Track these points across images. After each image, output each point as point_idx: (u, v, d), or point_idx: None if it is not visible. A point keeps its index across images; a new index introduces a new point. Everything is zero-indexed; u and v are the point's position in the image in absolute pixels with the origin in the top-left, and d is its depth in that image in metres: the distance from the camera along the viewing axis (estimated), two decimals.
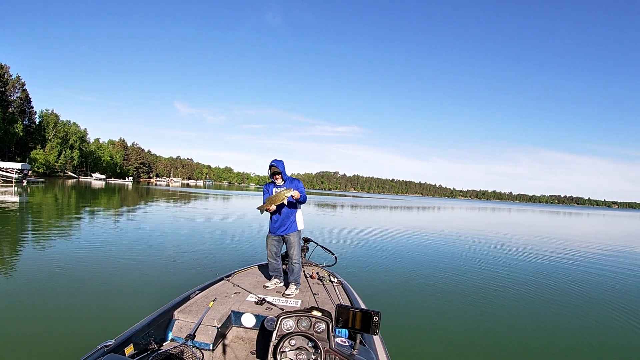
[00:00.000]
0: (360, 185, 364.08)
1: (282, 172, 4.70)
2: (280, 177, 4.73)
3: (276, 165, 4.66)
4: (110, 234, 13.35)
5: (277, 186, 4.77)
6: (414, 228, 22.43)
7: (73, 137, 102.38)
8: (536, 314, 6.89)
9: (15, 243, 10.58)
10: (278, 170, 4.67)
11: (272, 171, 4.70)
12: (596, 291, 9.03)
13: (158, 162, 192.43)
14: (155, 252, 10.33)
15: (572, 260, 13.49)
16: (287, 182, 4.76)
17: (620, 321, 6.81)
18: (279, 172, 4.68)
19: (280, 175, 4.71)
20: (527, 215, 59.09)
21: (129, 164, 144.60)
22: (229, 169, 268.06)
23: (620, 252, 17.36)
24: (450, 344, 5.26)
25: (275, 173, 4.70)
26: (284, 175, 4.75)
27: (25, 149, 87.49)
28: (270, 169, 4.70)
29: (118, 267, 8.44)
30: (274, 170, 4.68)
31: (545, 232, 26.46)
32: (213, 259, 9.80)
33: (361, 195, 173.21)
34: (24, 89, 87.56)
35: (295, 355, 2.67)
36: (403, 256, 12.00)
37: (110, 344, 2.64)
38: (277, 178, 4.74)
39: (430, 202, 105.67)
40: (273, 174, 4.72)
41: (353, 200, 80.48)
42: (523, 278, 9.81)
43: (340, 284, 4.98)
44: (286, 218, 4.79)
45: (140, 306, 5.75)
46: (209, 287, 4.40)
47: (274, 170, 4.67)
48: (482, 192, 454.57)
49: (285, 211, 4.77)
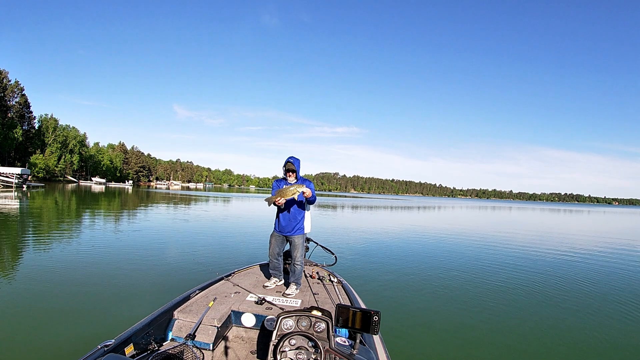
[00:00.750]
0: (360, 186, 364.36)
1: (297, 171, 4.65)
2: (294, 175, 4.67)
3: (293, 162, 4.59)
4: (111, 235, 13.36)
5: (289, 184, 4.67)
6: (414, 228, 22.42)
7: (72, 142, 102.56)
8: (537, 313, 6.87)
9: (16, 246, 10.57)
10: (293, 167, 4.60)
11: (287, 167, 4.63)
12: (600, 288, 9.01)
13: (158, 166, 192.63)
14: (156, 253, 10.34)
15: (574, 258, 13.49)
16: (299, 181, 4.68)
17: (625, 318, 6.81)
18: (294, 169, 4.62)
19: (294, 173, 4.66)
20: (527, 213, 59.04)
21: (128, 168, 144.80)
22: (229, 172, 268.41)
23: (623, 248, 17.34)
24: (450, 344, 5.25)
25: (290, 170, 4.63)
26: (298, 174, 4.70)
27: (24, 153, 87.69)
28: (286, 165, 4.63)
29: (118, 267, 8.46)
30: (290, 167, 4.61)
31: (546, 230, 26.44)
32: (213, 259, 9.82)
33: (361, 196, 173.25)
34: (22, 94, 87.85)
35: (295, 354, 2.67)
36: (403, 256, 11.99)
37: (110, 343, 2.65)
38: (291, 175, 4.68)
39: (431, 202, 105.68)
40: (288, 171, 4.65)
41: (353, 200, 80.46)
42: (524, 277, 9.79)
43: (340, 283, 4.98)
44: (293, 219, 4.73)
45: (141, 306, 5.78)
46: (209, 286, 4.41)
47: (290, 167, 4.61)
48: (482, 191, 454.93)
49: (293, 211, 4.71)
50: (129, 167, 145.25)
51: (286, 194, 4.38)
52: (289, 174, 4.67)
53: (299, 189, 4.36)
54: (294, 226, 4.73)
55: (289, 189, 4.38)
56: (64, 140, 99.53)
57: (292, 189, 4.37)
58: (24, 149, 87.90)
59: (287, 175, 4.70)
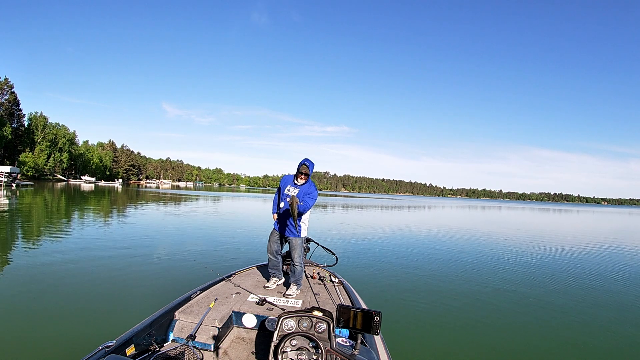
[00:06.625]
0: (351, 185, 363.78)
1: (309, 175, 4.66)
2: (305, 178, 4.67)
3: (308, 165, 4.59)
4: (109, 235, 13.27)
5: (295, 185, 4.72)
6: (414, 228, 22.52)
7: (62, 140, 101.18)
8: (537, 313, 6.94)
9: (12, 246, 10.47)
10: (308, 171, 4.60)
11: (301, 170, 4.62)
12: (595, 286, 9.17)
13: (148, 164, 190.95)
14: (156, 253, 10.30)
15: (571, 257, 13.69)
16: (307, 184, 4.71)
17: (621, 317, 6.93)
18: (307, 173, 4.62)
19: (306, 177, 4.66)
20: (518, 213, 59.48)
21: (118, 166, 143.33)
22: (219, 170, 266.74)
23: (613, 247, 17.56)
24: (451, 344, 5.30)
25: (303, 173, 4.63)
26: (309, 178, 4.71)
27: (14, 152, 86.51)
28: (300, 168, 4.62)
29: (119, 268, 8.42)
30: (304, 171, 4.61)
31: (539, 230, 26.71)
32: (214, 260, 9.81)
33: (353, 195, 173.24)
34: (12, 91, 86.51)
35: (296, 355, 2.69)
36: (404, 256, 12.03)
37: (111, 344, 2.67)
38: (302, 178, 4.67)
39: (423, 202, 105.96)
40: (301, 173, 4.64)
41: (345, 200, 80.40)
42: (524, 276, 9.90)
43: (341, 284, 5.00)
44: (290, 223, 4.73)
45: (141, 307, 5.77)
46: (210, 287, 4.42)
47: (304, 170, 4.60)
48: (472, 190, 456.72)
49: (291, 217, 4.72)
50: (119, 166, 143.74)
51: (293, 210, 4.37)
52: (300, 176, 4.67)
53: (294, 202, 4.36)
54: (292, 228, 4.75)
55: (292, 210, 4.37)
56: (53, 138, 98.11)
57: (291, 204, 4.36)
58: (13, 147, 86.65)
59: (297, 177, 4.70)
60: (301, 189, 4.66)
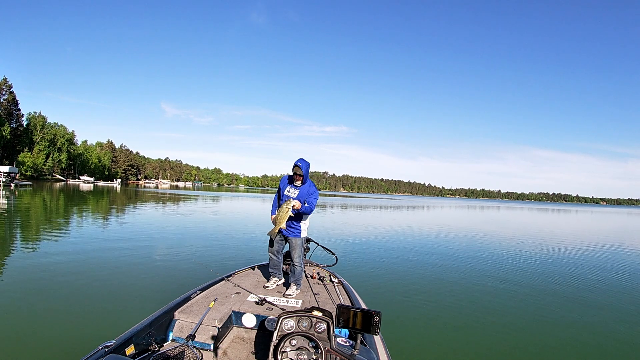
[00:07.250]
0: (350, 185, 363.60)
1: (304, 175, 4.64)
2: (301, 179, 4.66)
3: (300, 166, 4.56)
4: (109, 235, 13.25)
5: (294, 186, 4.71)
6: (414, 228, 22.55)
7: (61, 140, 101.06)
8: (537, 313, 6.94)
9: (12, 246, 10.45)
10: (301, 172, 4.58)
11: (294, 171, 4.62)
12: (594, 286, 9.18)
13: (147, 164, 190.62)
14: (156, 253, 10.31)
15: (570, 257, 13.71)
16: (306, 185, 4.71)
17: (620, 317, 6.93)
18: (301, 174, 4.60)
19: (301, 177, 4.64)
20: (517, 213, 59.46)
21: (117, 166, 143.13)
22: (218, 170, 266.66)
23: (612, 247, 17.58)
24: (451, 344, 5.30)
25: (296, 174, 4.62)
26: (305, 178, 4.69)
27: (12, 152, 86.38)
28: (293, 169, 4.62)
29: (118, 267, 8.43)
30: (297, 172, 4.60)
31: (538, 230, 26.73)
32: (213, 259, 9.82)
33: (352, 195, 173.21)
34: (11, 91, 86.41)
35: (296, 355, 2.70)
36: (403, 256, 12.04)
37: (111, 344, 2.67)
38: (298, 179, 4.67)
39: (422, 202, 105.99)
40: (295, 174, 4.64)
41: (345, 200, 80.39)
42: (523, 276, 9.91)
43: (340, 284, 5.01)
44: (292, 221, 4.73)
45: (141, 306, 5.77)
46: (210, 287, 4.42)
47: (297, 171, 4.59)
48: (470, 190, 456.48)
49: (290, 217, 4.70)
50: (118, 166, 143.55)
51: (281, 220, 4.46)
52: (296, 177, 4.67)
53: (289, 206, 4.38)
54: (292, 228, 4.76)
55: (282, 212, 4.45)
56: (52, 138, 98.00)
57: (284, 211, 4.41)
58: (11, 147, 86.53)
59: (295, 178, 4.70)
60: (301, 190, 4.67)
